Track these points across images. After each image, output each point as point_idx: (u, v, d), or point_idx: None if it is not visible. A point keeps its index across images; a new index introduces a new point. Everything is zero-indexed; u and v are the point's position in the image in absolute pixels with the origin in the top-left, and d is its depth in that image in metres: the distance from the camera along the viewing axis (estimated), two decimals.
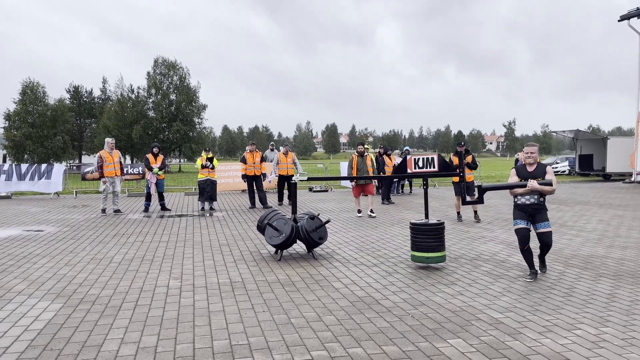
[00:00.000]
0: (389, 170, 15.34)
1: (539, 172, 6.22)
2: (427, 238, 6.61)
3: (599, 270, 6.73)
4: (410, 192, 18.23)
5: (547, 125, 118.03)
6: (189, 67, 51.64)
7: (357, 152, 12.35)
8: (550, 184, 6.08)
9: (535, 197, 6.17)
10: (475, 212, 11.30)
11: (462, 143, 11.45)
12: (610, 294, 5.64)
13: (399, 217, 11.91)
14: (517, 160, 17.52)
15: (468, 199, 6.96)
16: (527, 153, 6.29)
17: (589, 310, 5.06)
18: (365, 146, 18.85)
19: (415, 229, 6.74)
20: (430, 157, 7.12)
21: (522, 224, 6.19)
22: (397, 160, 16.75)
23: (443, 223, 6.76)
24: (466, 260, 7.32)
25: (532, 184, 6.06)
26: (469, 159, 11.23)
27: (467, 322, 4.72)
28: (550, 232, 6.22)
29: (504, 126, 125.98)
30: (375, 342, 4.24)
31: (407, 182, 18.33)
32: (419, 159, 7.15)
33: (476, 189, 10.59)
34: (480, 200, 6.91)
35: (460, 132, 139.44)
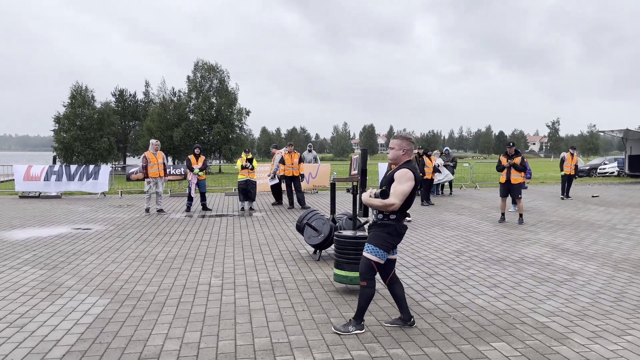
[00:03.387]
0: (428, 172, 15.14)
1: (388, 179, 4.41)
2: (348, 253, 5.43)
3: None
4: (451, 193, 17.93)
5: (594, 125, 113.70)
6: (223, 67, 52.00)
7: None
8: (379, 196, 4.29)
9: (375, 212, 4.46)
10: (521, 215, 11.02)
11: (512, 144, 11.23)
12: None
13: (438, 218, 11.74)
14: (562, 160, 16.95)
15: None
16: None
17: None
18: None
19: (339, 242, 5.54)
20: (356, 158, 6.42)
21: None
22: (438, 160, 16.50)
23: None
24: (509, 263, 7.14)
25: (364, 195, 4.45)
26: (517, 160, 10.95)
27: (511, 326, 4.61)
28: (362, 258, 4.40)
29: (548, 126, 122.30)
30: (416, 344, 4.19)
31: (447, 184, 18.04)
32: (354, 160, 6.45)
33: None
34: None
35: (501, 133, 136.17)
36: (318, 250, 7.50)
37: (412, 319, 4.59)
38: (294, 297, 5.49)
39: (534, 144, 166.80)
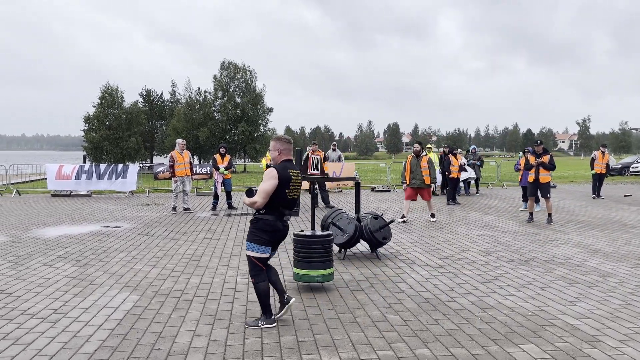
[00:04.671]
0: (454, 170, 14.97)
1: None
2: (310, 252, 5.51)
3: None
4: (477, 192, 17.70)
5: (626, 122, 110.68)
6: (250, 67, 52.41)
7: (413, 151, 11.43)
8: (246, 194, 4.54)
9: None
10: (549, 214, 10.80)
11: (540, 142, 11.04)
12: None
13: (465, 218, 11.61)
14: (593, 159, 16.56)
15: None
16: None
17: None
18: (429, 146, 18.50)
19: (298, 241, 5.64)
20: (318, 158, 6.54)
21: None
22: (463, 159, 16.32)
23: (331, 235, 5.72)
24: (538, 264, 7.02)
25: (244, 195, 4.65)
26: (545, 159, 10.73)
27: (541, 328, 4.53)
28: (248, 257, 4.62)
29: (578, 124, 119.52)
30: (443, 344, 4.16)
31: (473, 183, 17.81)
32: (315, 159, 6.53)
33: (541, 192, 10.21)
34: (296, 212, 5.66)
35: (529, 131, 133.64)
36: (343, 250, 7.51)
37: (286, 296, 4.67)
38: (319, 296, 5.51)
39: (563, 142, 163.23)
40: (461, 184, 16.57)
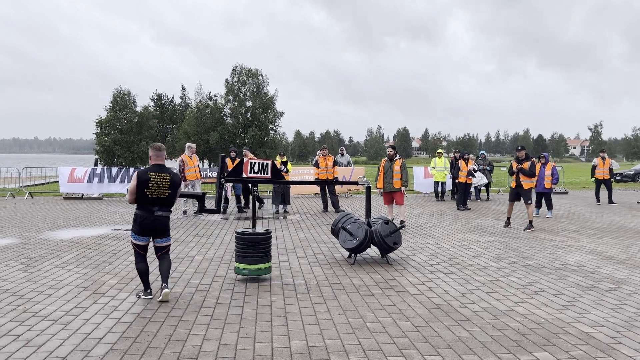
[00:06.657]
0: (462, 175, 14.88)
1: None
2: (244, 248, 6.15)
3: None
4: (488, 198, 17.58)
5: (639, 128, 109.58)
6: (262, 72, 52.67)
7: (387, 155, 11.05)
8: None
9: None
10: (530, 221, 10.52)
11: (520, 147, 10.86)
12: None
13: (476, 223, 11.52)
14: (594, 167, 16.38)
15: (208, 207, 6.39)
16: None
17: None
18: (439, 151, 18.43)
19: (236, 237, 6.29)
20: (264, 162, 6.68)
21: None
22: (473, 165, 16.21)
23: (266, 234, 6.28)
24: (550, 270, 6.94)
25: None
26: (525, 165, 10.55)
27: (554, 335, 4.47)
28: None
29: (589, 129, 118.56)
30: (455, 351, 4.11)
31: (483, 188, 17.68)
32: (254, 163, 6.67)
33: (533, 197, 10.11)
34: (217, 210, 6.49)
35: (540, 136, 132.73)
36: (353, 254, 7.48)
37: (149, 290, 5.60)
38: (329, 301, 5.49)
39: (574, 147, 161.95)
40: (472, 189, 16.46)
